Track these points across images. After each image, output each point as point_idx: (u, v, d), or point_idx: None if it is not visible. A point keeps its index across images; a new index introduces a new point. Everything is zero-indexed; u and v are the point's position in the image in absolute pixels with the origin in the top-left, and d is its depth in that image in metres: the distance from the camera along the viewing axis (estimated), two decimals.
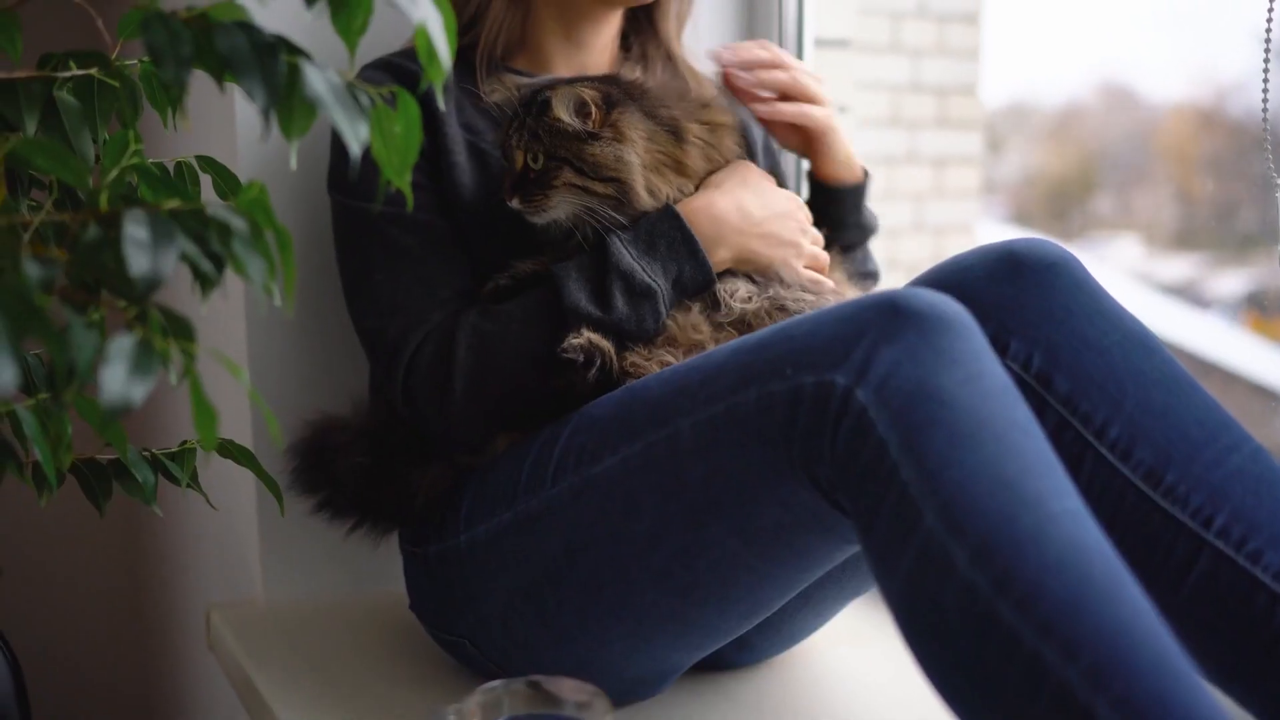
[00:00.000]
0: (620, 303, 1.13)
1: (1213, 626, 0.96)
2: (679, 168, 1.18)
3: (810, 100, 1.34)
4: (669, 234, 1.16)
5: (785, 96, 1.35)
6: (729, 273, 1.19)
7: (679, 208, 1.17)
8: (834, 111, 1.36)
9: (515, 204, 1.16)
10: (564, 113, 1.13)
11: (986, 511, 0.80)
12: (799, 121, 1.35)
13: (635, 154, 1.14)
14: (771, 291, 1.18)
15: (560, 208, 1.15)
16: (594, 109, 1.14)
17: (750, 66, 1.34)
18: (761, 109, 1.34)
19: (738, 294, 1.17)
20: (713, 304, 1.17)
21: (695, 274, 1.16)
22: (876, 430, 0.87)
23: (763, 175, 1.25)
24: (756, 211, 1.20)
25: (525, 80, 1.23)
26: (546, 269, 1.17)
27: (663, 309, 1.14)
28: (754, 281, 1.19)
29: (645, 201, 1.16)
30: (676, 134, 1.18)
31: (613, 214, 1.15)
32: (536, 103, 1.16)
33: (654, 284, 1.14)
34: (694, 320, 1.15)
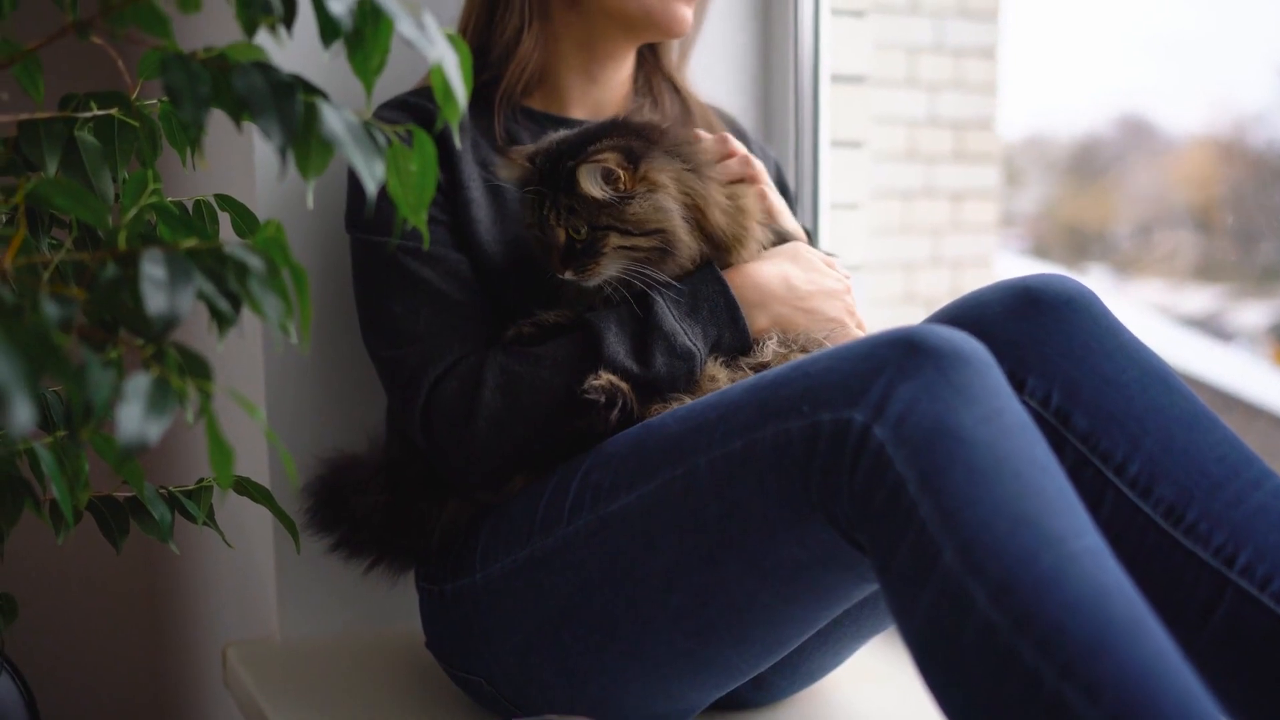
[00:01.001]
0: (660, 363, 1.13)
1: (1236, 667, 0.94)
2: (704, 202, 1.18)
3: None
4: (713, 299, 1.16)
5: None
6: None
7: (725, 274, 1.17)
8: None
9: (569, 275, 1.15)
10: (593, 188, 1.12)
11: (1006, 550, 0.79)
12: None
13: (671, 198, 1.14)
14: (801, 342, 1.17)
15: (611, 268, 1.15)
16: (621, 172, 1.13)
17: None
18: None
19: (766, 347, 1.17)
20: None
21: (734, 340, 1.16)
22: (894, 468, 0.86)
23: (814, 253, 1.25)
24: (802, 285, 1.20)
25: (530, 148, 1.20)
26: (571, 320, 1.18)
27: (698, 371, 1.14)
28: (785, 343, 1.19)
29: (687, 244, 1.15)
30: (697, 169, 1.18)
31: (656, 272, 1.14)
32: (563, 176, 1.14)
33: (694, 348, 1.14)
34: (712, 371, 1.15)
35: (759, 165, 1.26)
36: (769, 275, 1.19)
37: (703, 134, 1.26)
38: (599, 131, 1.17)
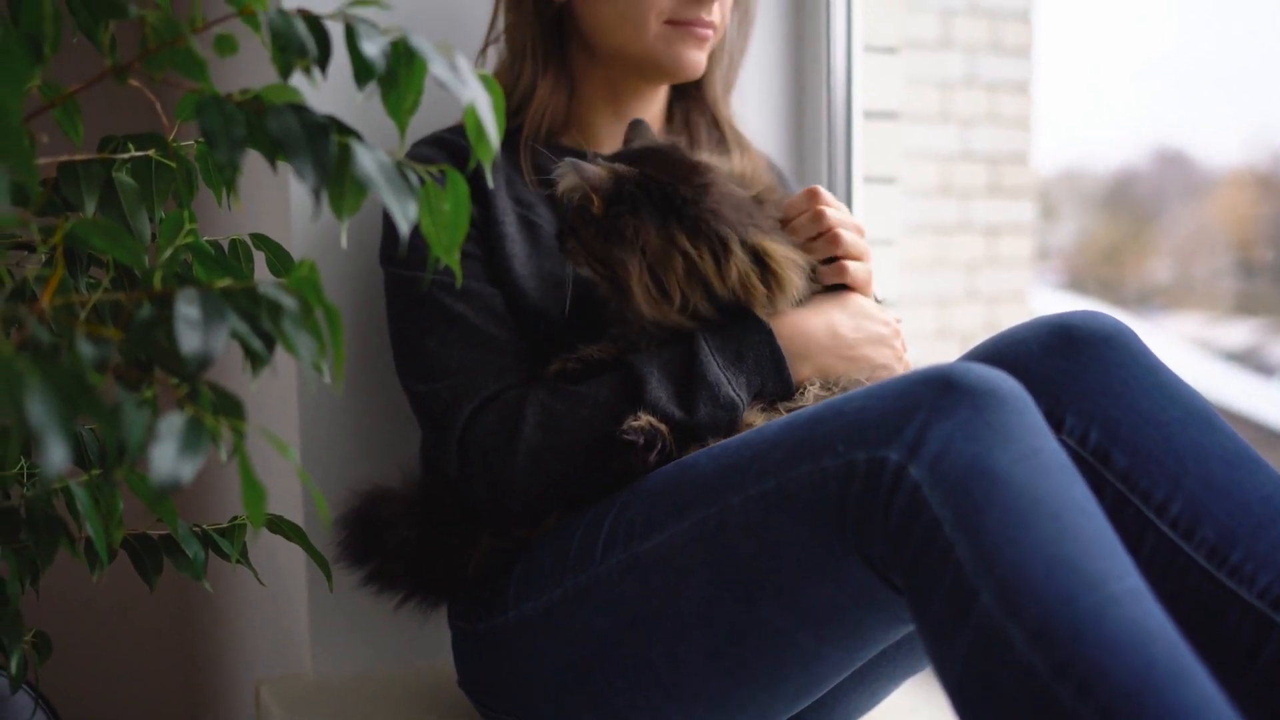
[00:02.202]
0: (703, 412, 1.12)
1: None
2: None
3: (855, 257, 1.24)
4: (758, 347, 1.15)
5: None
6: None
7: (772, 322, 1.16)
8: (872, 266, 1.27)
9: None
10: (561, 183, 1.15)
11: (1044, 592, 0.78)
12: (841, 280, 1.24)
13: (634, 254, 1.14)
14: (843, 384, 1.17)
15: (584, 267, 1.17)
16: (595, 199, 1.14)
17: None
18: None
19: (808, 393, 1.16)
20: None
21: (777, 389, 1.15)
22: (930, 507, 0.85)
23: (865, 301, 1.23)
24: (849, 334, 1.19)
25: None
26: (615, 356, 1.17)
27: (739, 420, 1.14)
28: (826, 386, 1.18)
29: (639, 310, 1.15)
30: (694, 226, 1.15)
31: (612, 297, 1.16)
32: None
33: (736, 398, 1.13)
34: (750, 419, 1.14)
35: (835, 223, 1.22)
36: (814, 325, 1.18)
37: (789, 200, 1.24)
38: (636, 155, 1.18)
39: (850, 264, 1.20)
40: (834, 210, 1.20)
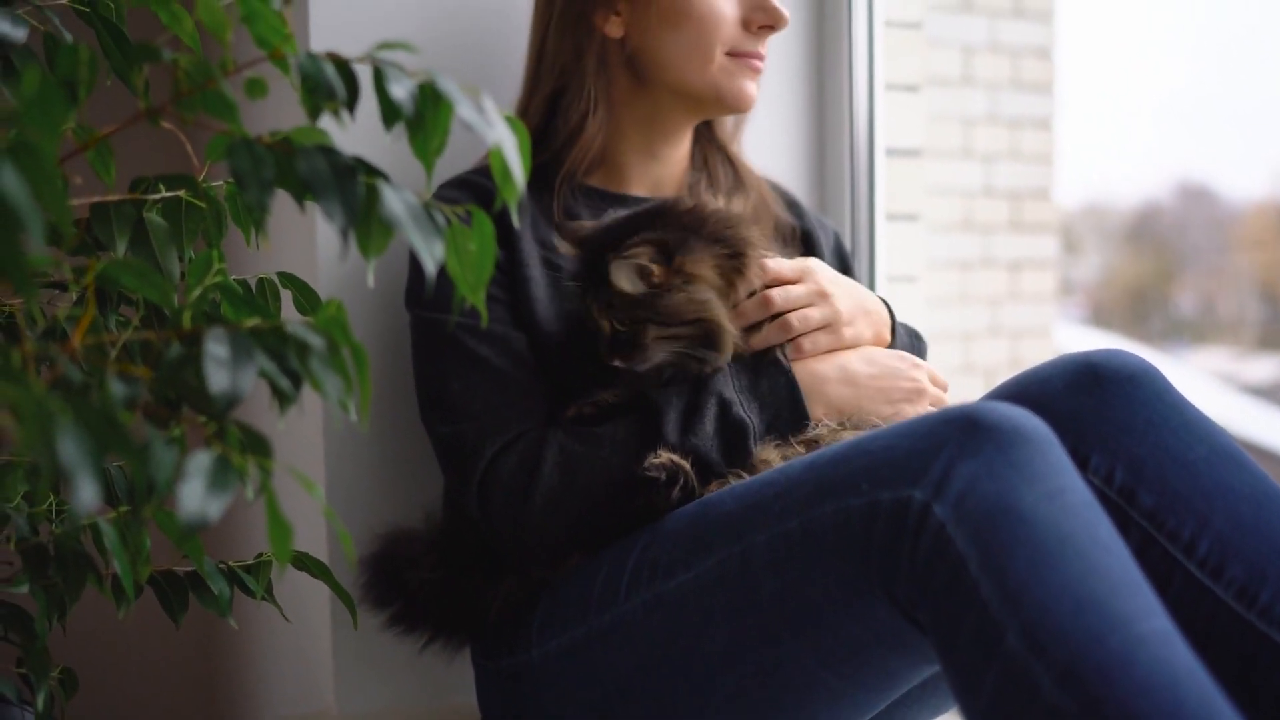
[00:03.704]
0: (710, 429, 1.13)
1: None
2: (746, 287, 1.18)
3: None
4: (774, 378, 1.16)
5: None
6: None
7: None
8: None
9: (618, 363, 1.15)
10: (626, 284, 1.12)
11: (1071, 633, 0.78)
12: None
13: (710, 287, 1.14)
14: (855, 420, 1.17)
15: (659, 355, 1.15)
16: (655, 268, 1.12)
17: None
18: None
19: (821, 427, 1.16)
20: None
21: (791, 419, 1.16)
22: (955, 547, 0.85)
23: (880, 350, 1.23)
24: (862, 371, 1.20)
25: (579, 232, 1.20)
26: (629, 400, 1.18)
27: (752, 445, 1.14)
28: (839, 421, 1.18)
29: (730, 330, 1.15)
30: (739, 254, 1.17)
31: (708, 351, 1.14)
32: (601, 270, 1.14)
33: (748, 419, 1.14)
34: (765, 455, 1.14)
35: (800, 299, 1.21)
36: (826, 367, 1.19)
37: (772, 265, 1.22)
38: (639, 222, 1.17)
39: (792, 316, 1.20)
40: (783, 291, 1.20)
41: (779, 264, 1.21)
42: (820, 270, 1.23)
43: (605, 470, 1.13)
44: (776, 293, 1.19)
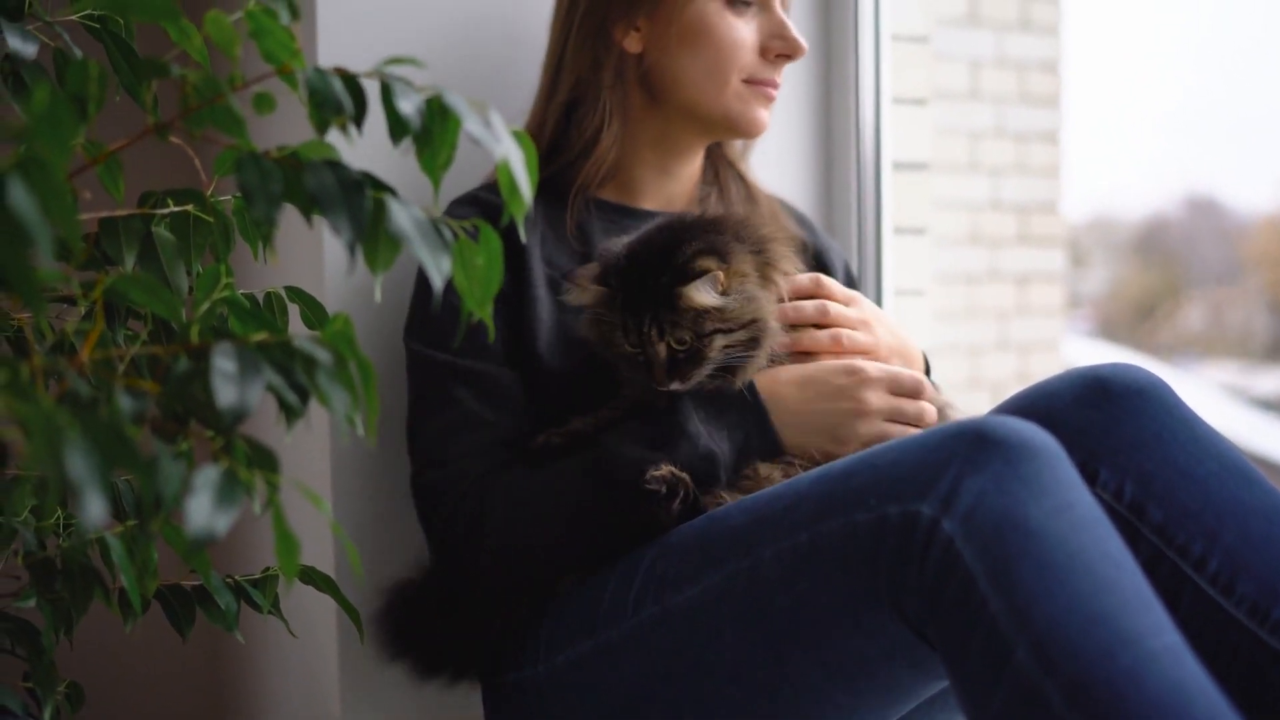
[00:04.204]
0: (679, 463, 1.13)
1: None
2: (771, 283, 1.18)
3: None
4: (740, 401, 1.16)
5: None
6: None
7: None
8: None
9: (675, 386, 1.12)
10: (707, 298, 1.10)
11: (1081, 649, 0.77)
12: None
13: (755, 284, 1.14)
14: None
15: (709, 368, 1.13)
16: (722, 275, 1.11)
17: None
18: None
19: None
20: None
21: (761, 442, 1.15)
22: (964, 561, 0.84)
23: (821, 366, 1.19)
24: (794, 396, 1.17)
25: (596, 269, 1.17)
26: (597, 428, 1.18)
27: (720, 474, 1.13)
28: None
29: (775, 329, 1.15)
30: (762, 250, 1.18)
31: (753, 353, 1.13)
32: (660, 294, 1.11)
33: (715, 449, 1.13)
34: (766, 472, 1.14)
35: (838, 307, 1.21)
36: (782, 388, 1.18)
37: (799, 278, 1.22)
38: (673, 237, 1.15)
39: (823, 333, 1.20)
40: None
41: (832, 283, 1.22)
42: (867, 302, 1.25)
43: (555, 511, 1.14)
44: (831, 305, 1.20)
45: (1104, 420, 1.00)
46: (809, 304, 1.20)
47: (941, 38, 3.28)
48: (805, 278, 1.21)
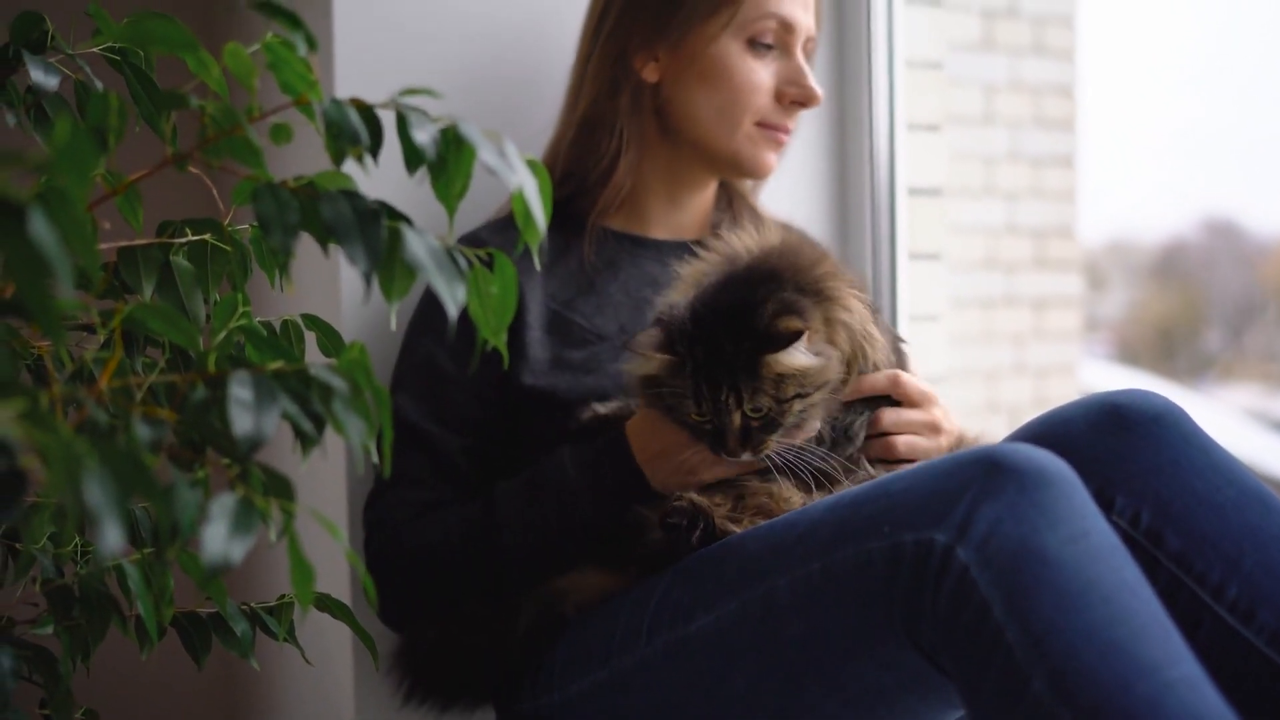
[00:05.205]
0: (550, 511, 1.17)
1: None
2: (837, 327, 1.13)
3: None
4: (612, 450, 1.16)
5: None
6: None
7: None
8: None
9: (747, 456, 1.08)
10: (803, 359, 1.06)
11: (1098, 679, 0.77)
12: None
13: (823, 339, 1.09)
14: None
15: (780, 434, 1.09)
16: (808, 332, 1.06)
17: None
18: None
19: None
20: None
21: (621, 478, 1.16)
22: (979, 590, 0.84)
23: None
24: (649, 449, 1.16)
25: (655, 336, 1.10)
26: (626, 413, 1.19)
27: (572, 502, 1.16)
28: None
29: (841, 376, 1.11)
30: (822, 293, 1.12)
31: (817, 418, 1.10)
32: (740, 360, 1.05)
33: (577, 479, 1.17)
34: (786, 494, 1.12)
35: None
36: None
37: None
38: (741, 296, 1.08)
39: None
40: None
41: (908, 382, 1.16)
42: (941, 404, 1.20)
43: (462, 558, 1.20)
44: (890, 413, 1.15)
45: (1120, 447, 0.99)
46: (869, 381, 1.15)
47: (955, 62, 3.29)
48: (882, 377, 1.15)
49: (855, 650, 0.93)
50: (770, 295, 1.08)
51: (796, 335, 1.04)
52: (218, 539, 0.63)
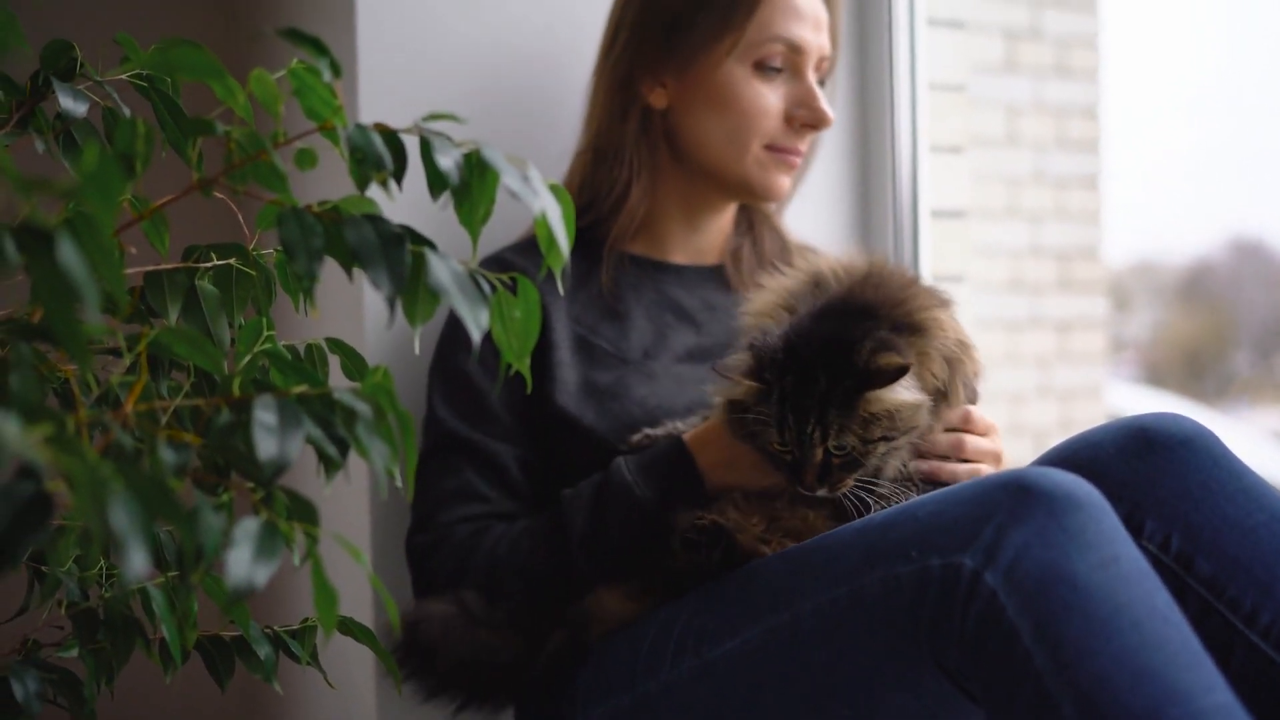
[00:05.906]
0: (613, 518, 1.16)
1: None
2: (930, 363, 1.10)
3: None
4: (671, 455, 1.16)
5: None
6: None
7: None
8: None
9: (823, 493, 1.06)
10: (909, 394, 1.04)
11: (1129, 706, 0.76)
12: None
13: (915, 379, 1.06)
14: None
15: (859, 475, 1.07)
16: (910, 366, 1.03)
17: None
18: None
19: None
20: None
21: (685, 490, 1.15)
22: (1007, 615, 0.83)
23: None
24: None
25: (745, 361, 1.09)
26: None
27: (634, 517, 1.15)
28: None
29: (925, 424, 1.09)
30: (916, 327, 1.10)
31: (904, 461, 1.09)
32: (837, 395, 1.03)
33: (642, 494, 1.15)
34: (805, 512, 1.11)
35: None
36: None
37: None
38: (836, 330, 1.06)
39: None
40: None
41: (977, 417, 1.15)
42: (998, 435, 1.19)
43: (528, 570, 1.19)
44: (967, 440, 1.14)
45: (1149, 471, 0.98)
46: (944, 439, 1.13)
47: (978, 84, 3.28)
48: (956, 418, 1.13)
49: (882, 675, 0.92)
50: (868, 333, 1.05)
51: (901, 371, 1.02)
52: (242, 563, 0.63)
